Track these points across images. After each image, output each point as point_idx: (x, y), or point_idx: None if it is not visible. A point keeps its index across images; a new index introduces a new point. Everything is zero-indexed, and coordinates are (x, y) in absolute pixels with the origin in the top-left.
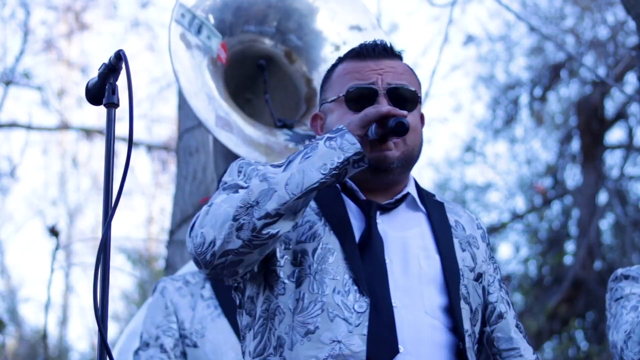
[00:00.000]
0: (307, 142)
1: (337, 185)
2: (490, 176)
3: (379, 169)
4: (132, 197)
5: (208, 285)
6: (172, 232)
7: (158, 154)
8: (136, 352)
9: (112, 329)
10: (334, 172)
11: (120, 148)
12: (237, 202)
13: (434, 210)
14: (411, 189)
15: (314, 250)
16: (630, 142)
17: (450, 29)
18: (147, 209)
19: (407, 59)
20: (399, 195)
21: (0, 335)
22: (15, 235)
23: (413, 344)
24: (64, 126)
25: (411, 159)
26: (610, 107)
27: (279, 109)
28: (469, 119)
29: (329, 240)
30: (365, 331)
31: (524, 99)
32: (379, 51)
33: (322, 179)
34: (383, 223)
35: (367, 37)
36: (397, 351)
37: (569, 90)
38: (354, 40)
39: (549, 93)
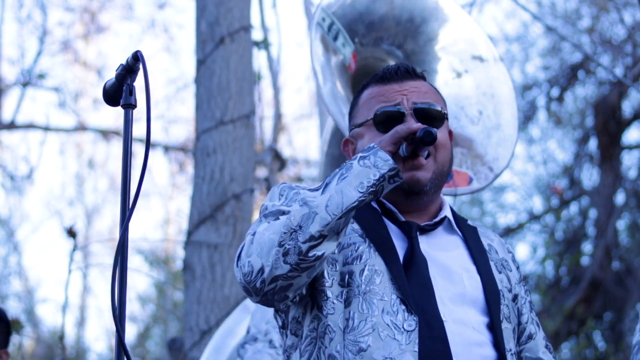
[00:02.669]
0: None
1: (378, 208)
2: (507, 177)
3: (412, 192)
4: (149, 198)
5: None
6: (189, 233)
7: (175, 155)
8: (242, 346)
9: (129, 330)
10: (371, 189)
11: (138, 149)
12: (280, 228)
13: (469, 233)
14: (447, 212)
15: (361, 272)
16: None
17: None
18: (164, 210)
19: None
20: (438, 218)
21: (17, 335)
22: (33, 236)
23: (464, 358)
24: (81, 127)
25: (442, 176)
26: (627, 107)
27: None
28: None
29: (375, 262)
30: (416, 348)
31: (541, 99)
32: (402, 73)
33: (360, 197)
34: (423, 244)
35: (489, 69)
36: None
37: (585, 91)
38: (475, 70)
39: (566, 93)
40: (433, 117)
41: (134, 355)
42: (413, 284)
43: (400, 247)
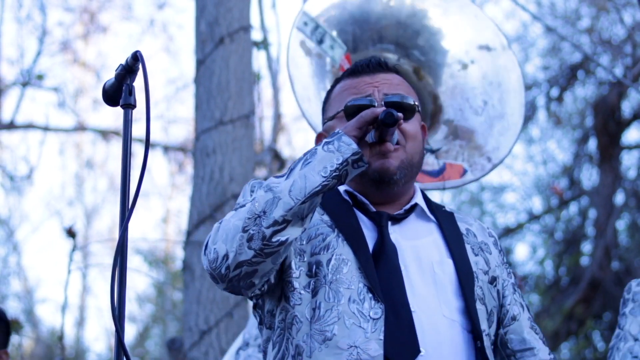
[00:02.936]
0: None
1: (349, 200)
2: (507, 177)
3: (382, 181)
4: (148, 198)
5: None
6: (189, 233)
7: (174, 155)
8: (237, 352)
9: (128, 330)
10: (334, 174)
11: (137, 149)
12: (244, 215)
13: (444, 219)
14: (419, 199)
15: (328, 261)
16: None
17: None
18: (164, 209)
19: None
20: (408, 206)
21: (17, 335)
22: (32, 236)
23: (434, 347)
24: (81, 127)
25: (412, 167)
26: (627, 107)
27: None
28: None
29: (343, 251)
30: (381, 336)
31: (541, 99)
32: (374, 66)
33: (323, 181)
34: (395, 233)
35: (497, 58)
36: (418, 352)
37: (585, 91)
38: (483, 60)
39: (566, 93)
40: (404, 109)
41: (133, 355)
42: (382, 273)
43: (370, 237)
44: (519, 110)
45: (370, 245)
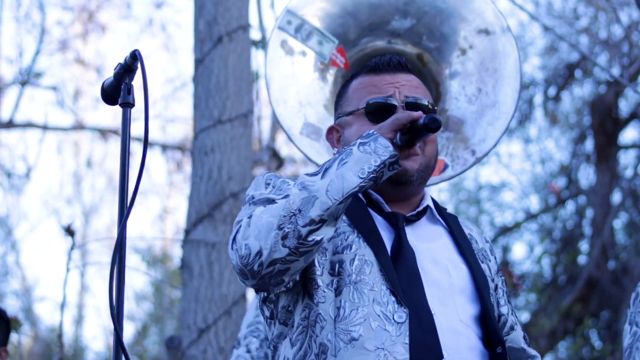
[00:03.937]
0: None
1: (363, 199)
2: (505, 176)
3: (399, 181)
4: (147, 197)
5: None
6: (187, 232)
7: (173, 153)
8: (232, 348)
9: (127, 328)
10: (372, 175)
11: (136, 148)
12: (279, 212)
13: (452, 222)
14: (429, 202)
15: (352, 261)
16: None
17: None
18: (162, 208)
19: None
20: (421, 208)
21: (15, 334)
22: (31, 234)
23: (454, 350)
24: (79, 126)
25: (428, 169)
26: (624, 106)
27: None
28: None
29: (365, 252)
30: (407, 340)
31: (538, 98)
32: (394, 65)
33: (361, 182)
34: (409, 235)
35: (495, 42)
36: (441, 356)
37: (582, 90)
38: (481, 45)
39: (563, 93)
40: (424, 112)
41: (131, 353)
42: (401, 276)
43: (386, 238)
44: (512, 97)
45: (387, 246)
